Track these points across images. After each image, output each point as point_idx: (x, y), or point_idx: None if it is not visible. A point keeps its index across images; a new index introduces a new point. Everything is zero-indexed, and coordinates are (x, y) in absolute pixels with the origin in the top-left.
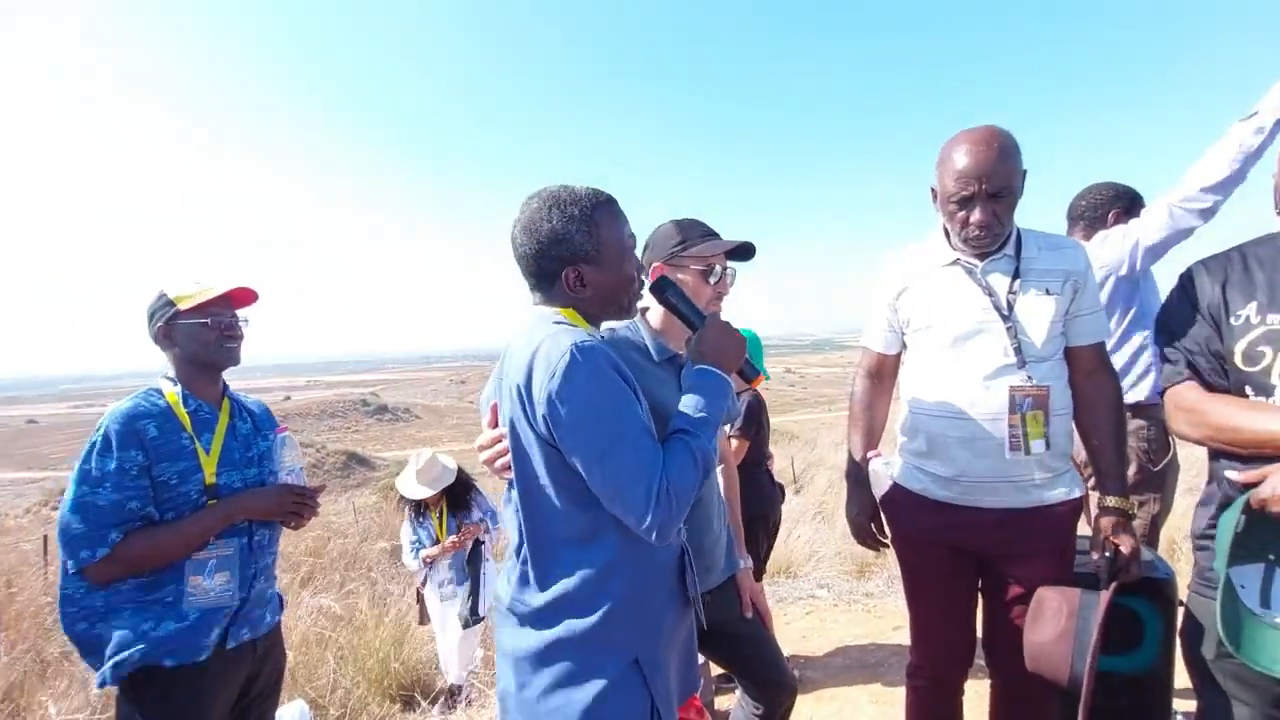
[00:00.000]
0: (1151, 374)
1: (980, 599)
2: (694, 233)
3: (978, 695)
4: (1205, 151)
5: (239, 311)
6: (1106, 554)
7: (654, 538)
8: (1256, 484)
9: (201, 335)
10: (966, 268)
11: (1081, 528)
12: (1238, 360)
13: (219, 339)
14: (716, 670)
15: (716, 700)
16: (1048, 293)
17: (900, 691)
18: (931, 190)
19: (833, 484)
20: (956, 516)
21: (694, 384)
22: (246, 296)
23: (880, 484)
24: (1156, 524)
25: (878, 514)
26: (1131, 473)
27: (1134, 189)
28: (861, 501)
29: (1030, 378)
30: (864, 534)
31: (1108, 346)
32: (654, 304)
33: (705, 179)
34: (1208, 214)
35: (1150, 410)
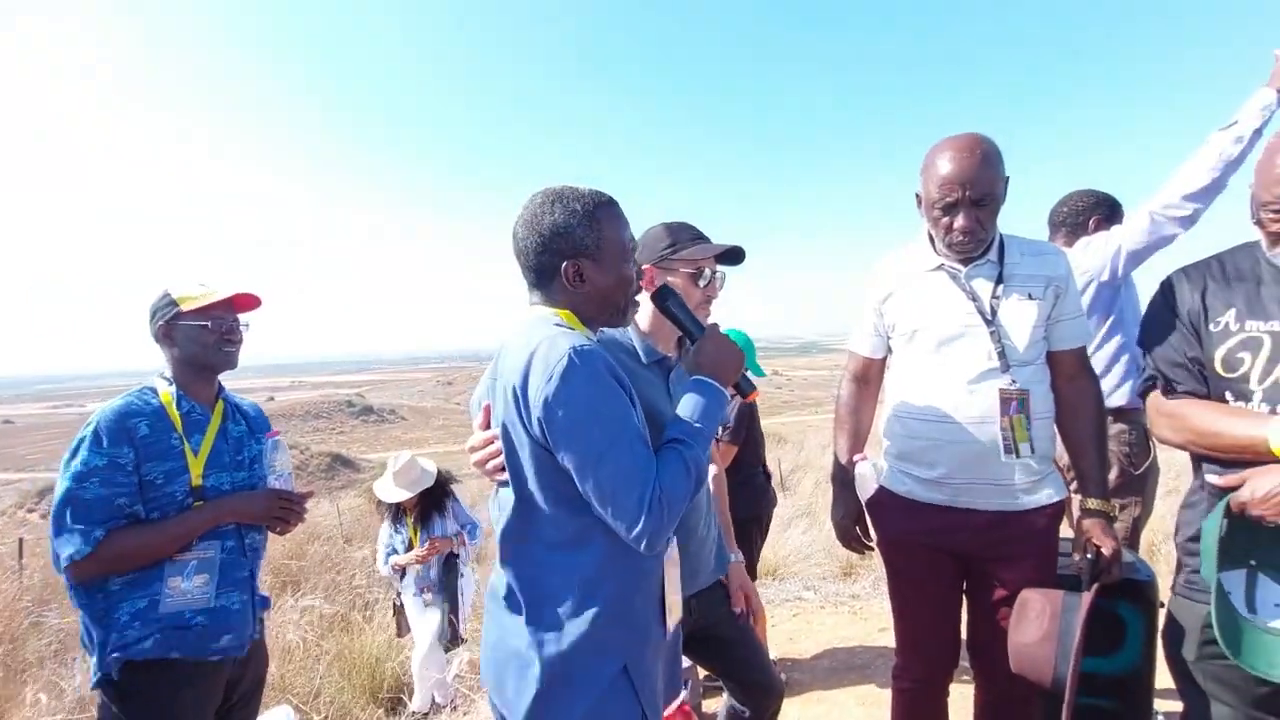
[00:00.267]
0: (1132, 379)
1: (965, 601)
2: (684, 235)
3: (963, 697)
4: (1186, 160)
5: (241, 316)
6: (1088, 556)
7: (643, 546)
8: (1236, 488)
9: (201, 337)
10: (950, 273)
11: (1064, 530)
12: (1217, 366)
13: (218, 342)
14: (704, 673)
15: (704, 703)
16: (1030, 298)
17: (886, 693)
18: (916, 196)
19: (819, 486)
20: (941, 519)
21: (690, 394)
22: (249, 302)
23: (866, 487)
24: (1138, 526)
25: (863, 517)
26: (1113, 476)
27: (1114, 196)
28: (847, 504)
29: (1014, 381)
30: (849, 537)
31: (1090, 351)
32: (644, 307)
33: (698, 182)
34: (1188, 221)
35: (1131, 414)
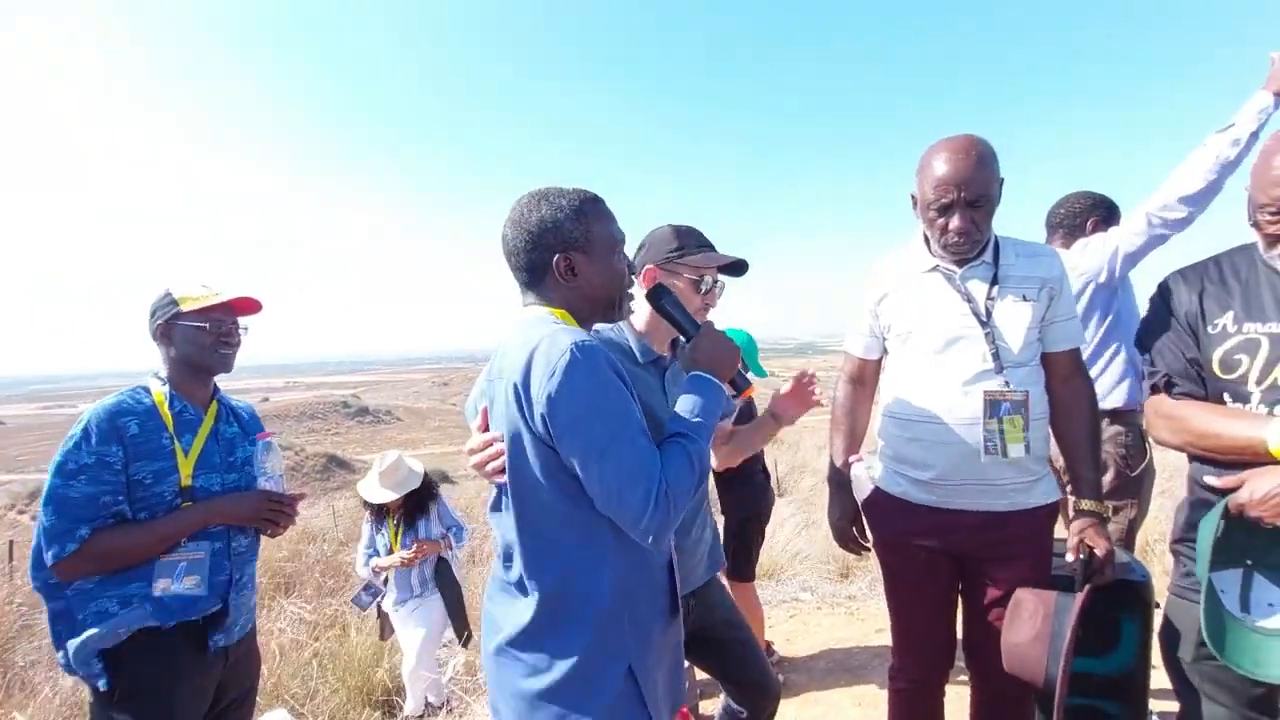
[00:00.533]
0: (1128, 380)
1: (960, 601)
2: (691, 241)
3: (959, 697)
4: (1183, 162)
5: (240, 319)
6: (1082, 556)
7: (650, 541)
8: (1235, 489)
9: (198, 338)
10: (946, 274)
11: (1059, 530)
12: (1215, 368)
13: (215, 344)
14: (701, 675)
15: (701, 704)
16: (1025, 299)
17: (883, 693)
18: (911, 197)
19: (815, 487)
20: (936, 520)
21: (689, 390)
22: (250, 306)
23: (862, 488)
24: (1133, 528)
25: (859, 518)
26: (1109, 478)
27: (1111, 198)
28: (843, 505)
29: (1008, 383)
30: (846, 538)
31: (1085, 353)
32: (639, 307)
33: (697, 182)
34: (1184, 224)
35: (1127, 416)
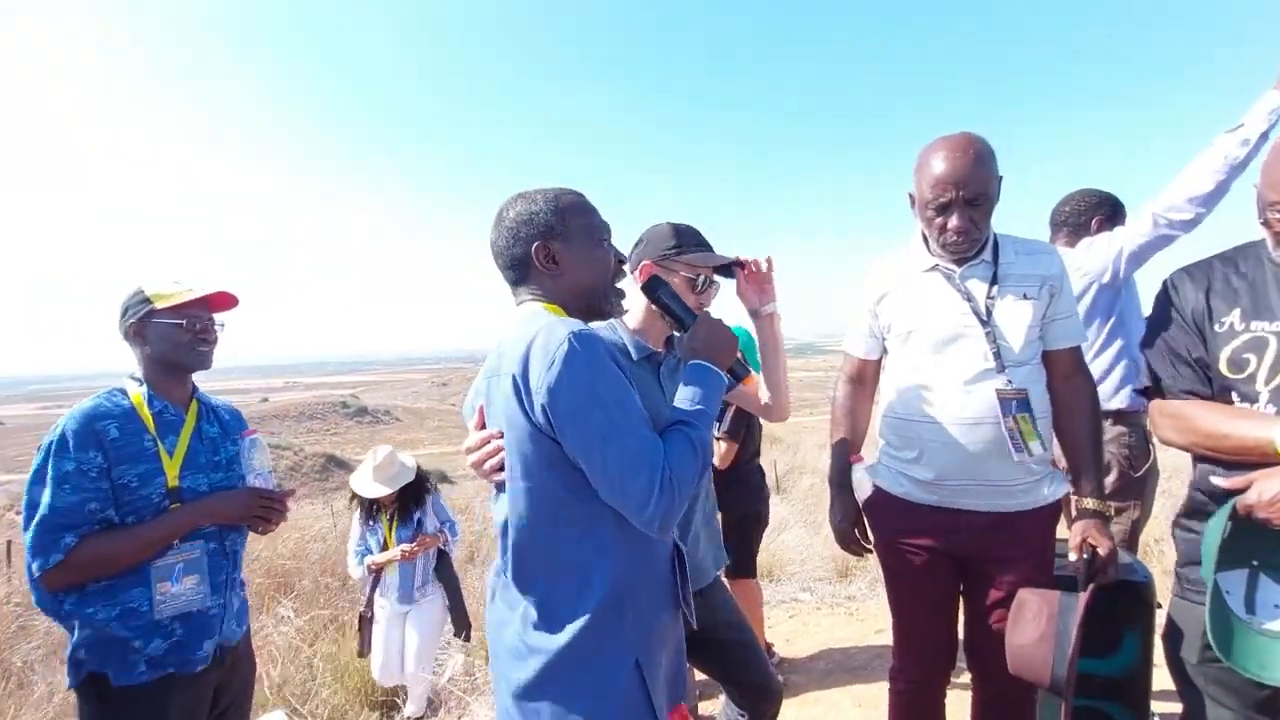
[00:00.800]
0: (1132, 382)
1: (962, 602)
2: (689, 240)
3: (959, 698)
4: (1191, 162)
5: (216, 315)
6: (1084, 556)
7: (656, 529)
8: (1242, 490)
9: (174, 336)
10: (945, 273)
11: (1060, 530)
12: (1222, 367)
13: (192, 341)
14: (700, 675)
15: (701, 705)
16: (1025, 297)
17: (883, 694)
18: (910, 196)
19: (815, 487)
20: (938, 520)
21: (689, 378)
22: (226, 301)
23: (863, 489)
24: (1136, 529)
25: (861, 519)
26: (1113, 479)
27: (1116, 196)
28: (845, 507)
29: (1010, 382)
30: (848, 539)
31: (1089, 354)
32: (633, 304)
33: (696, 182)
34: (1190, 225)
35: (1131, 417)
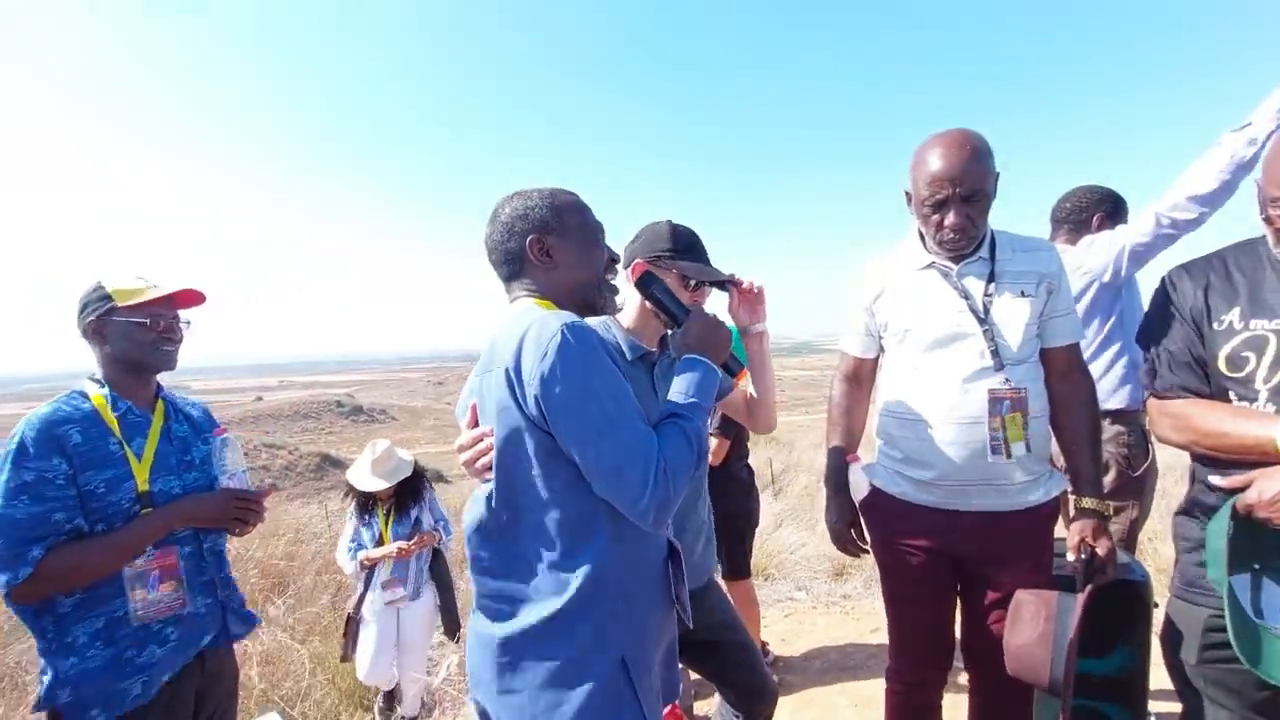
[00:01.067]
0: (1131, 381)
1: (959, 602)
2: (683, 244)
3: (956, 698)
4: (1196, 161)
5: (182, 313)
6: (1083, 556)
7: (651, 521)
8: (1242, 489)
9: (137, 335)
10: (942, 271)
11: (1059, 530)
12: (1221, 365)
13: (156, 340)
14: (694, 675)
15: (695, 705)
16: (1023, 295)
17: (879, 694)
18: (906, 194)
19: (810, 486)
20: (936, 520)
21: (682, 372)
22: (192, 298)
23: (859, 489)
24: (1135, 529)
25: (857, 519)
26: (1111, 478)
27: (1117, 192)
28: (841, 507)
29: (1008, 380)
30: (844, 540)
31: (1088, 353)
32: (627, 303)
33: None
34: (1194, 224)
35: (1130, 416)
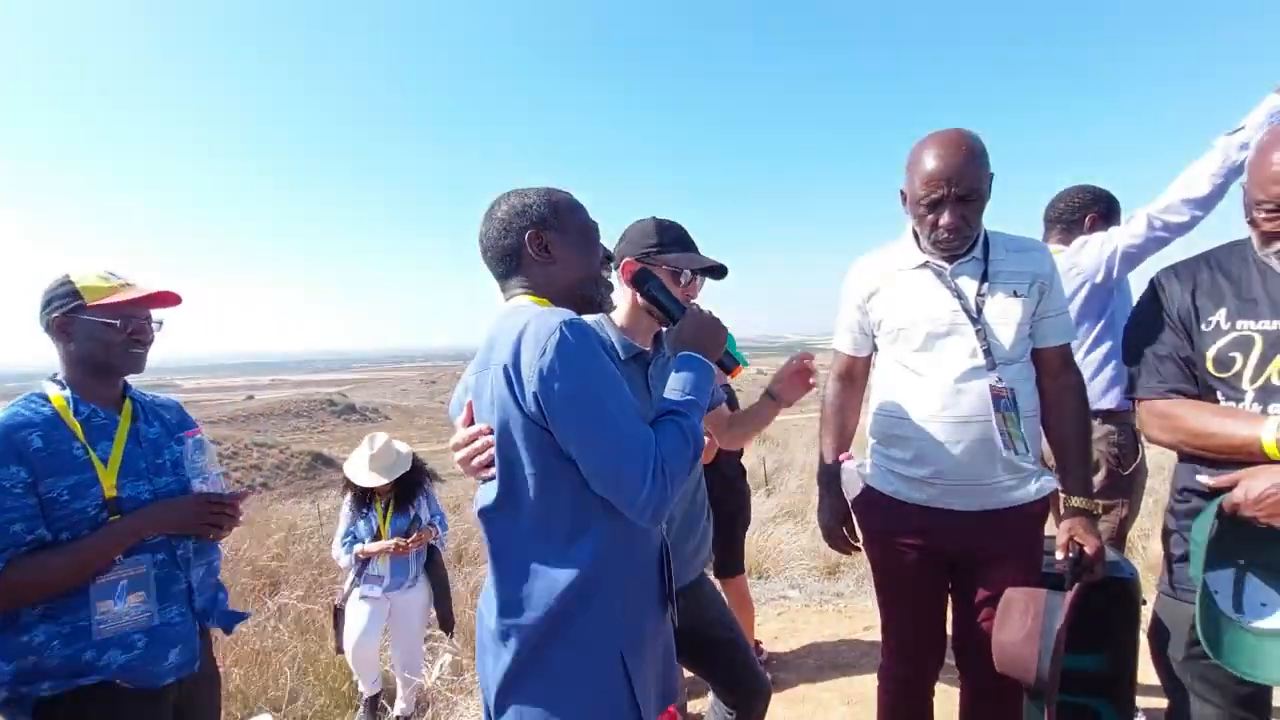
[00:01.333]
0: (1122, 382)
1: (950, 600)
2: (669, 237)
3: (948, 695)
4: (1190, 165)
5: (155, 312)
6: (1071, 554)
7: (648, 518)
8: (1229, 488)
9: (106, 336)
10: (936, 270)
11: (1048, 528)
12: (1209, 366)
13: (125, 343)
14: (688, 673)
15: (689, 704)
16: (1015, 295)
17: (872, 691)
18: (900, 193)
19: (803, 485)
20: (928, 518)
21: (679, 369)
22: (166, 300)
23: (852, 487)
24: (1124, 527)
25: (850, 517)
26: (1101, 477)
27: (1110, 192)
28: (833, 505)
29: (1000, 379)
30: (836, 538)
31: (1080, 353)
32: (621, 302)
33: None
34: (1186, 228)
35: (1120, 416)
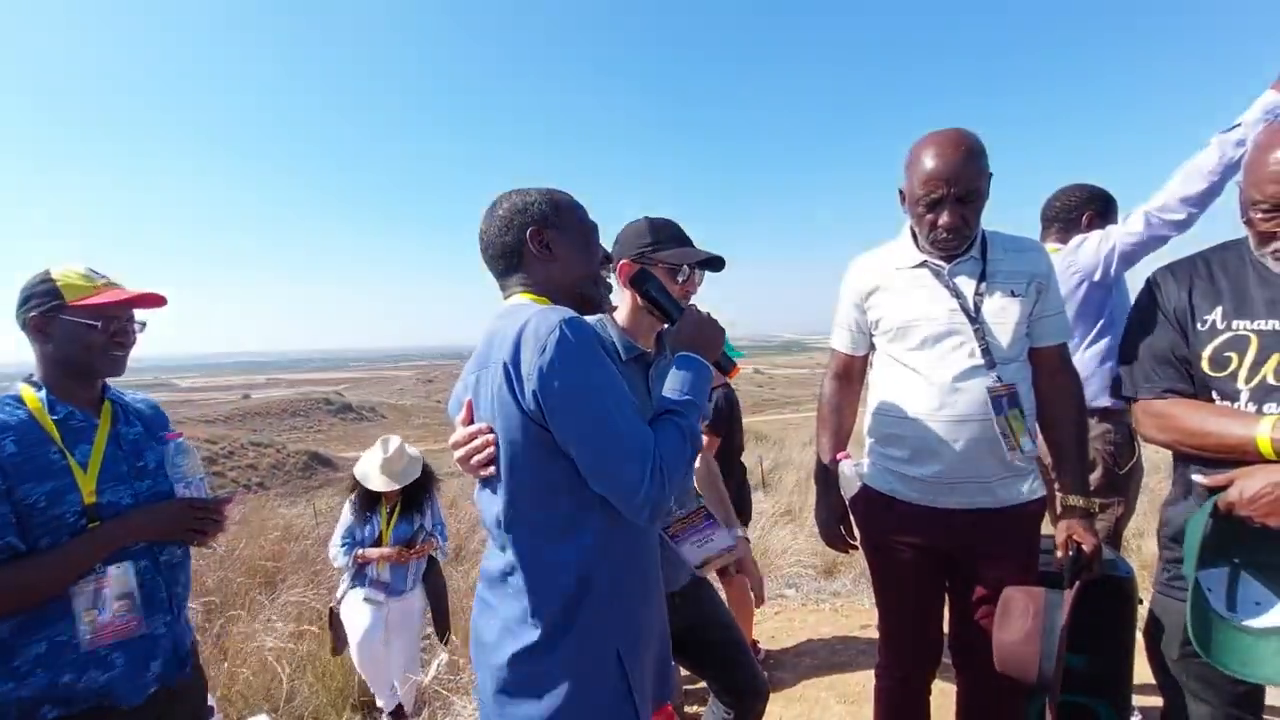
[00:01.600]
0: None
1: (948, 599)
2: (665, 234)
3: (945, 694)
4: (1186, 162)
5: (137, 313)
6: (1069, 553)
7: (645, 517)
8: (1224, 487)
9: (86, 338)
10: (934, 269)
11: (1046, 527)
12: (1205, 365)
13: (106, 345)
14: (684, 672)
15: (686, 704)
16: (1013, 294)
17: (869, 690)
18: (899, 192)
19: (800, 484)
20: (925, 517)
21: (677, 370)
22: (150, 302)
23: (849, 486)
24: (1120, 526)
25: (847, 516)
26: (1097, 476)
27: (1107, 191)
28: (830, 504)
29: (999, 379)
30: (833, 537)
31: (1078, 351)
32: (621, 302)
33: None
34: (1183, 225)
35: (1117, 414)
